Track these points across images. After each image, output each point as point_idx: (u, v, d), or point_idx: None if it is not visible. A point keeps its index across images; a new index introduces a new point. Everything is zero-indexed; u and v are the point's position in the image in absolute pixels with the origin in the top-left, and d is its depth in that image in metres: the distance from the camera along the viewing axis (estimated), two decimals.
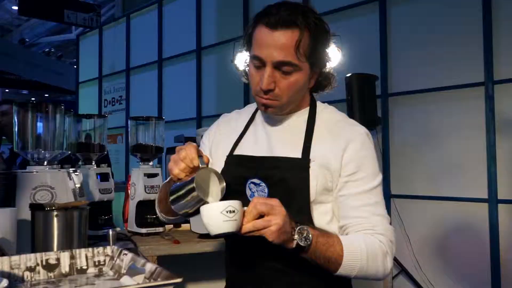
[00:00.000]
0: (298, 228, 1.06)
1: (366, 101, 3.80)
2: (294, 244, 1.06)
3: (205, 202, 1.06)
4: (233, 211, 0.99)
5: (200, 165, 1.10)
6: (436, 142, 3.90)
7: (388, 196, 4.03)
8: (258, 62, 1.17)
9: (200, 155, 1.11)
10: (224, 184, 1.10)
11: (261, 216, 1.02)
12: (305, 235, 1.06)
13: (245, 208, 1.03)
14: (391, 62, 4.21)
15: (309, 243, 1.06)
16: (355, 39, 4.14)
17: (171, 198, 1.14)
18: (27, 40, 13.64)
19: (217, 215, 0.99)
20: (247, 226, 1.01)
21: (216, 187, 1.11)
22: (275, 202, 1.04)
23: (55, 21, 10.08)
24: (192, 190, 1.06)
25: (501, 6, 3.60)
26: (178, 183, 1.13)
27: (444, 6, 3.92)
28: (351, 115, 3.68)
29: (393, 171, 4.13)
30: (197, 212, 1.10)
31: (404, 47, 4.14)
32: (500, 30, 3.59)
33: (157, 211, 1.39)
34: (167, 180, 1.32)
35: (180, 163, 1.11)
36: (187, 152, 1.11)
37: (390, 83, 4.20)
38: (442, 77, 3.87)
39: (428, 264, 3.90)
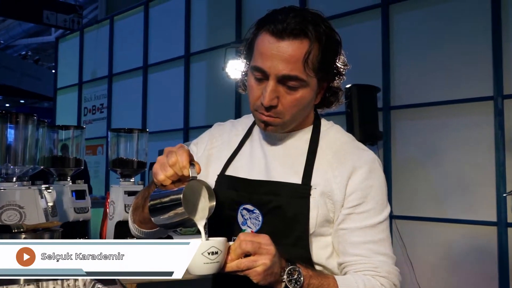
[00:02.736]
0: (288, 268, 1.01)
1: (367, 114, 3.79)
2: (282, 287, 1.01)
3: (191, 220, 1.00)
4: (216, 253, 0.95)
5: (190, 175, 1.02)
6: (441, 159, 3.88)
7: (389, 217, 3.98)
8: (260, 74, 1.12)
9: (191, 163, 1.02)
10: (214, 203, 1.05)
11: (248, 254, 0.98)
12: (295, 277, 1.01)
13: (231, 242, 0.99)
14: (394, 72, 4.20)
15: (299, 286, 1.01)
16: (355, 47, 4.12)
17: (151, 204, 1.06)
18: (2, 42, 13.58)
19: (197, 256, 0.93)
20: (231, 265, 0.97)
21: (204, 204, 1.05)
22: (264, 239, 0.99)
23: (33, 22, 10.05)
24: (178, 204, 1.00)
25: (511, 15, 3.60)
26: (162, 190, 1.05)
27: (451, 14, 3.93)
28: (350, 129, 3.65)
29: (395, 190, 4.10)
30: (178, 226, 1.06)
31: (408, 57, 4.13)
32: (511, 40, 3.59)
33: (130, 222, 1.29)
34: (148, 185, 1.24)
35: (167, 169, 1.01)
36: (177, 158, 1.01)
37: (393, 95, 4.19)
38: (448, 90, 3.86)
39: None
